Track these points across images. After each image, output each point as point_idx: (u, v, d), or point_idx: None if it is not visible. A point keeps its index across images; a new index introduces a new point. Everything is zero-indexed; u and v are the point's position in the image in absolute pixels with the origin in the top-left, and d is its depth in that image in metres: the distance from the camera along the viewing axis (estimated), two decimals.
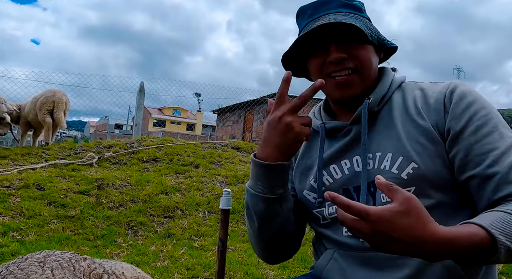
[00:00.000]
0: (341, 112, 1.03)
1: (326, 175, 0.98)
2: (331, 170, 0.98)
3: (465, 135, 0.85)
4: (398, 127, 0.91)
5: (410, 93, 0.95)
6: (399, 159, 0.88)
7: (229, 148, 6.38)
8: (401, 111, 0.93)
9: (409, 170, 0.86)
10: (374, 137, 0.93)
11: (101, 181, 4.52)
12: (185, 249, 3.34)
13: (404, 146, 0.88)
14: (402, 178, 0.86)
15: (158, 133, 26.82)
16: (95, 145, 6.11)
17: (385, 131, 0.93)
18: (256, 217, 0.95)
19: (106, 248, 3.32)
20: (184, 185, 4.71)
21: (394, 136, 0.91)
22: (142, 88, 8.58)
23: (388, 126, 0.93)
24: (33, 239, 3.33)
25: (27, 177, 4.37)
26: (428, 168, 0.86)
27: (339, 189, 0.96)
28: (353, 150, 0.96)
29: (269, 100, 0.92)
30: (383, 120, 0.94)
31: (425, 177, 0.86)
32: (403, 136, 0.89)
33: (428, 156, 0.86)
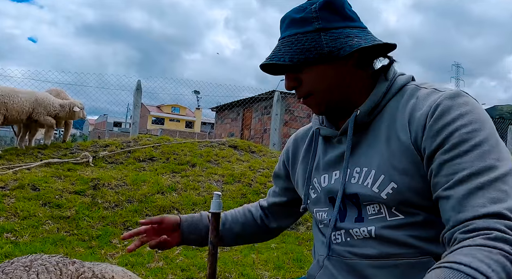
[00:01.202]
0: (339, 118, 1.00)
1: (317, 183, 1.01)
2: (320, 179, 1.00)
3: (438, 154, 0.77)
4: (384, 144, 0.87)
5: (405, 102, 0.88)
6: (381, 178, 0.85)
7: (226, 146, 6.35)
8: (389, 124, 0.88)
9: (389, 190, 0.84)
10: (363, 150, 0.91)
11: (97, 181, 4.49)
12: (180, 249, 3.32)
13: (385, 163, 0.85)
14: (381, 198, 0.85)
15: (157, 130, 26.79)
16: (91, 145, 6.08)
17: (373, 145, 0.89)
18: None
19: (101, 249, 3.30)
20: (180, 185, 4.69)
21: (379, 153, 0.87)
22: (139, 86, 8.55)
23: (376, 140, 0.89)
24: (28, 240, 3.31)
25: (22, 177, 4.35)
26: (408, 188, 0.82)
27: (326, 197, 0.98)
28: (342, 162, 0.96)
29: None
30: (374, 131, 0.90)
31: (404, 197, 0.82)
32: (386, 153, 0.86)
33: (408, 175, 0.82)
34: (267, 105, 14.89)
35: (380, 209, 0.87)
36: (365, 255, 0.88)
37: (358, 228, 0.90)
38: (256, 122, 16.27)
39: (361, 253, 0.89)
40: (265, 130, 15.20)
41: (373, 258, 0.87)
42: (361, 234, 0.89)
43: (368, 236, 0.88)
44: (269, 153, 6.48)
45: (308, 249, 3.41)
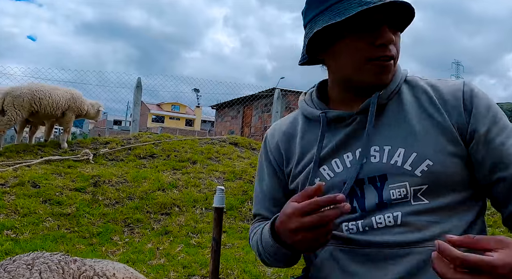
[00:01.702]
0: (345, 99, 0.96)
1: (327, 169, 0.92)
2: (332, 165, 0.92)
3: (492, 137, 0.83)
4: (413, 123, 0.87)
5: (419, 88, 0.91)
6: (413, 155, 0.84)
7: (227, 143, 6.33)
8: (414, 106, 0.89)
9: (424, 167, 0.83)
10: (381, 130, 0.89)
11: (97, 178, 4.48)
12: (182, 246, 3.30)
13: (419, 142, 0.85)
14: (415, 175, 0.83)
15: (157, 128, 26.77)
16: (92, 142, 6.06)
17: (395, 125, 0.88)
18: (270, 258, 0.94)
19: (102, 246, 3.28)
20: (181, 182, 4.67)
21: (407, 131, 0.87)
22: (139, 84, 8.52)
23: (399, 120, 0.89)
24: (28, 237, 3.30)
25: (22, 174, 4.33)
26: (443, 167, 0.83)
27: (341, 183, 0.89)
28: (355, 142, 0.90)
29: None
30: (393, 113, 0.90)
31: (440, 176, 0.83)
32: (419, 132, 0.86)
33: (446, 154, 0.83)
34: (267, 103, 14.87)
35: (406, 193, 0.83)
36: (386, 244, 0.83)
37: (381, 215, 0.84)
38: (256, 120, 16.26)
39: (382, 242, 0.83)
40: (265, 127, 15.19)
41: (394, 247, 0.82)
42: (384, 221, 0.84)
43: (392, 223, 0.83)
44: None
45: None
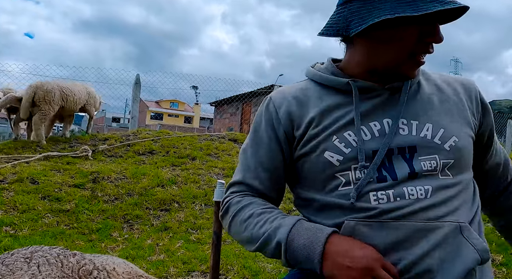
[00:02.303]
0: (365, 79, 0.95)
1: (353, 135, 0.89)
2: (358, 131, 0.90)
3: (491, 132, 1.02)
4: (435, 103, 0.93)
5: (431, 76, 1.00)
6: (441, 131, 0.89)
7: (226, 140, 6.32)
8: (434, 90, 0.96)
9: (451, 142, 0.88)
10: (407, 106, 0.92)
11: (96, 174, 4.46)
12: (181, 242, 3.29)
13: (444, 120, 0.91)
14: (444, 149, 0.87)
15: (155, 126, 26.72)
16: (91, 138, 6.04)
17: (420, 105, 0.93)
18: (266, 252, 0.90)
19: (101, 242, 3.27)
20: (180, 178, 4.66)
21: (432, 110, 0.92)
22: (138, 80, 8.50)
23: (424, 102, 0.94)
24: (27, 233, 3.28)
25: (21, 170, 4.31)
26: (464, 145, 0.90)
27: (369, 152, 0.87)
28: (383, 113, 0.91)
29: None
30: (416, 93, 0.95)
31: (463, 152, 0.89)
32: (443, 112, 0.92)
33: (465, 134, 0.91)
34: None
35: (436, 166, 0.86)
36: (417, 217, 0.82)
37: (413, 186, 0.84)
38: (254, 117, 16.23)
39: (413, 214, 0.82)
40: None
41: (424, 220, 0.81)
42: (416, 193, 0.83)
43: (423, 196, 0.83)
44: None
45: None
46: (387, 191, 0.84)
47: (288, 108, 0.97)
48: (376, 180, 0.86)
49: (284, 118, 0.97)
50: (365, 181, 0.86)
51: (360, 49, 0.94)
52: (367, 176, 0.86)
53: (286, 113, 0.97)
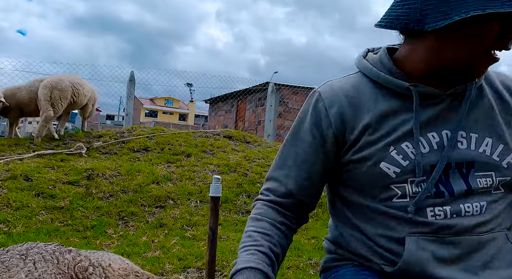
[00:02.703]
0: (428, 81, 0.88)
1: (411, 147, 0.85)
2: (417, 143, 0.86)
3: None
4: (497, 115, 0.88)
5: (494, 80, 0.93)
6: (500, 147, 0.86)
7: (221, 137, 6.31)
8: (495, 97, 0.90)
9: (510, 159, 0.86)
10: (468, 117, 0.88)
11: (91, 171, 4.44)
12: (177, 239, 3.29)
13: (504, 134, 0.87)
14: (502, 166, 0.85)
15: (150, 123, 26.61)
16: (85, 135, 6.00)
17: (481, 114, 0.88)
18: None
19: (96, 239, 3.26)
20: (175, 175, 4.65)
21: (493, 122, 0.88)
22: (132, 77, 8.45)
23: (485, 111, 0.89)
24: (21, 231, 3.26)
25: (14, 168, 4.27)
26: None
27: (427, 166, 0.85)
28: (442, 124, 0.87)
29: None
30: (478, 103, 0.89)
31: None
32: (503, 124, 0.88)
33: None
34: (261, 97, 14.83)
35: (492, 184, 0.85)
36: (474, 231, 0.84)
37: (470, 202, 0.85)
38: (250, 114, 16.22)
39: (470, 229, 0.84)
40: (259, 122, 15.16)
41: (479, 234, 0.84)
42: (472, 209, 0.84)
43: (478, 212, 0.85)
44: (264, 143, 6.45)
45: (305, 238, 3.40)
46: (444, 207, 0.85)
47: (340, 110, 0.90)
48: (434, 195, 0.85)
49: (336, 119, 0.90)
50: (423, 195, 0.85)
51: (430, 44, 0.85)
52: (425, 190, 0.85)
53: (338, 115, 0.90)
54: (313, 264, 2.86)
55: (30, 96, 5.52)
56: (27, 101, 5.56)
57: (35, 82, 5.64)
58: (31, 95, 5.52)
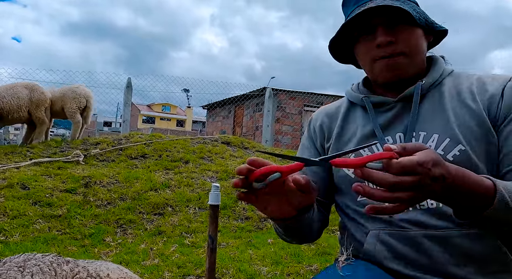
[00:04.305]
0: (384, 92, 1.01)
1: (367, 150, 0.95)
2: (372, 147, 0.95)
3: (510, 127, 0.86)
4: (448, 110, 0.91)
5: (465, 80, 0.96)
6: (446, 141, 0.88)
7: (219, 143, 6.29)
8: (452, 95, 0.93)
9: (456, 152, 0.86)
10: (418, 117, 0.93)
11: (88, 179, 4.41)
12: (176, 246, 3.26)
13: (452, 128, 0.88)
14: (447, 160, 0.85)
15: (147, 129, 26.56)
16: (82, 143, 5.97)
17: (431, 113, 0.92)
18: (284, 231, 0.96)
19: (94, 248, 3.23)
20: (173, 181, 4.62)
21: (442, 119, 0.90)
22: (129, 84, 8.45)
23: (435, 109, 0.93)
24: (18, 239, 3.23)
25: (11, 176, 4.24)
26: (474, 151, 0.85)
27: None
28: (395, 127, 0.95)
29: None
30: (430, 102, 0.94)
31: (472, 160, 0.85)
32: (452, 119, 0.89)
33: (475, 139, 0.86)
34: (259, 102, 14.84)
35: None
36: (430, 226, 0.86)
37: None
38: (247, 119, 16.22)
39: (426, 223, 0.86)
40: (257, 127, 15.15)
41: (437, 229, 0.85)
42: (427, 203, 0.87)
43: (434, 206, 0.87)
44: (262, 149, 6.44)
45: (305, 244, 3.38)
46: None
47: (321, 123, 1.10)
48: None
49: (320, 131, 1.09)
50: None
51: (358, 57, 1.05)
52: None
53: (320, 127, 1.10)
54: (313, 271, 2.84)
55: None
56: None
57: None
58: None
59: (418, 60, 0.96)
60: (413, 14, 0.88)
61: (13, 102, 5.58)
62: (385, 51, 0.93)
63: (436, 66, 0.99)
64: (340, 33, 0.97)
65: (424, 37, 0.97)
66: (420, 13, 0.95)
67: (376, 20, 0.93)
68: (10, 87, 5.73)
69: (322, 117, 1.11)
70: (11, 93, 5.60)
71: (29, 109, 5.75)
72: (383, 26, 0.93)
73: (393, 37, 0.92)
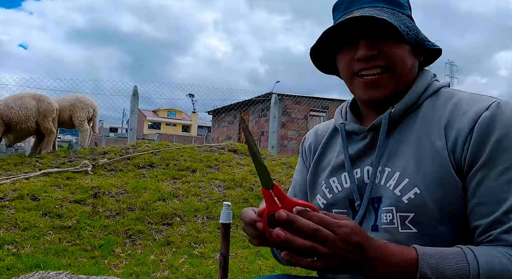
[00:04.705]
0: (368, 113, 0.96)
1: (336, 182, 0.94)
2: (341, 178, 0.93)
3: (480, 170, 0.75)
4: (414, 146, 0.83)
5: (442, 104, 0.85)
6: (404, 181, 0.81)
7: (225, 150, 6.32)
8: (422, 125, 0.84)
9: (411, 195, 0.79)
10: (388, 150, 0.87)
11: (97, 189, 4.45)
12: (185, 257, 3.28)
13: (412, 167, 0.81)
14: (402, 202, 0.80)
15: (153, 135, 26.69)
16: (90, 152, 6.02)
17: (399, 145, 0.86)
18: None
19: (104, 259, 3.25)
20: (181, 191, 4.65)
21: (406, 154, 0.83)
22: (135, 92, 8.51)
23: (404, 141, 0.85)
24: (29, 251, 3.26)
25: (21, 187, 4.29)
26: (431, 196, 0.77)
27: (345, 199, 0.92)
28: (366, 159, 0.90)
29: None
30: (402, 132, 0.87)
31: (426, 206, 0.78)
32: (414, 156, 0.82)
33: (435, 182, 0.78)
34: (264, 108, 14.87)
35: (392, 219, 0.81)
36: None
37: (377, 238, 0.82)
38: (253, 125, 16.25)
39: None
40: (262, 132, 15.18)
41: None
42: None
43: None
44: (268, 157, 6.45)
45: None
46: None
47: (310, 142, 1.09)
48: None
49: (308, 151, 1.08)
50: None
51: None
52: None
53: (309, 146, 1.08)
54: None
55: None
56: None
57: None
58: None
59: (404, 78, 0.87)
60: (401, 29, 0.81)
61: (21, 113, 5.65)
62: (365, 65, 0.85)
63: (414, 86, 0.89)
64: (323, 40, 0.90)
65: (413, 55, 0.89)
66: (410, 27, 0.86)
67: (360, 31, 0.86)
68: (18, 97, 5.80)
69: (312, 137, 1.09)
70: (19, 103, 5.67)
71: (37, 120, 5.81)
72: (366, 39, 0.86)
73: (375, 51, 0.85)
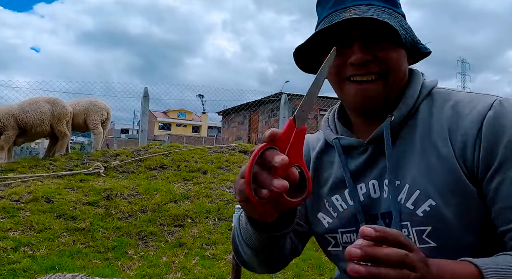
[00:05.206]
0: (360, 124, 0.88)
1: (340, 200, 0.87)
2: (345, 195, 0.87)
3: (499, 177, 0.70)
4: (418, 153, 0.78)
5: (439, 107, 0.80)
6: (416, 193, 0.76)
7: (236, 151, 6.34)
8: (424, 132, 0.79)
9: (426, 207, 0.75)
10: (393, 163, 0.81)
11: (110, 191, 4.50)
12: (197, 259, 3.30)
13: (422, 177, 0.76)
14: (417, 215, 0.75)
15: (164, 136, 26.88)
16: (102, 154, 6.09)
17: (404, 155, 0.80)
18: (250, 249, 0.83)
19: (117, 261, 3.29)
20: (192, 192, 4.68)
21: (413, 165, 0.78)
22: (146, 93, 8.57)
23: (407, 151, 0.80)
24: (45, 253, 3.32)
25: (36, 190, 4.36)
26: (447, 205, 0.73)
27: (353, 217, 0.85)
28: (370, 173, 0.84)
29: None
30: (403, 142, 0.81)
31: (443, 216, 0.73)
32: (421, 166, 0.76)
33: (449, 191, 0.73)
34: (274, 108, 14.87)
35: (408, 234, 0.76)
36: None
37: None
38: (263, 125, 16.25)
39: None
40: None
41: None
42: None
43: None
44: None
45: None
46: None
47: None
48: None
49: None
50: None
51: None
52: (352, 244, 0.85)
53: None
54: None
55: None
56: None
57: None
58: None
59: (397, 84, 0.81)
60: (400, 32, 0.73)
61: (36, 116, 5.74)
62: (359, 70, 0.78)
63: (409, 90, 0.83)
64: (311, 40, 0.81)
65: (406, 59, 0.83)
66: (407, 29, 0.80)
67: (354, 33, 0.78)
68: (33, 101, 5.90)
69: (305, 145, 0.96)
70: (34, 108, 5.77)
71: (51, 123, 5.90)
72: (361, 42, 0.78)
73: (371, 56, 0.77)
